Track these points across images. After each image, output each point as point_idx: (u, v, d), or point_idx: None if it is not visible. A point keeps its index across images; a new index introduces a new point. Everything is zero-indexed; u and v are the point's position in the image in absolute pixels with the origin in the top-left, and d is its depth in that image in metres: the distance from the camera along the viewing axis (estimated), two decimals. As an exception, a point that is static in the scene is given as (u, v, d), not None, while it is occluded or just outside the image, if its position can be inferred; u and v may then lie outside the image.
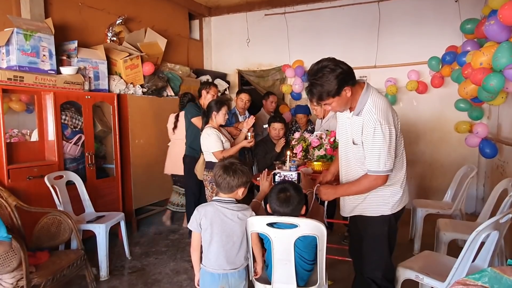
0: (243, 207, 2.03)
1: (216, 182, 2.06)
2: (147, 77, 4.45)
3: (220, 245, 1.97)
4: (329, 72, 1.83)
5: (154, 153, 4.57)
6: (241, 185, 2.02)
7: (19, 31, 3.09)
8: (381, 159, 1.87)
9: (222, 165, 2.05)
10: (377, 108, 1.88)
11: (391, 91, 4.99)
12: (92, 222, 3.32)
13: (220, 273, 1.96)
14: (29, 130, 3.42)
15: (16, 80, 3.05)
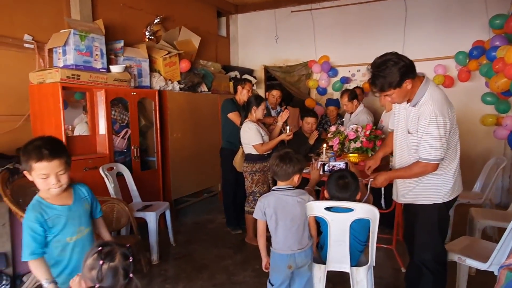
0: (301, 192, 2.21)
1: (274, 171, 2.23)
2: (184, 73, 4.67)
3: (286, 229, 2.15)
4: (392, 65, 1.98)
5: (190, 146, 4.79)
6: (297, 172, 2.19)
7: (75, 32, 3.32)
8: (432, 148, 2.03)
9: (278, 155, 2.22)
10: (434, 101, 2.04)
11: (418, 85, 5.11)
12: (141, 210, 3.55)
13: (288, 253, 2.15)
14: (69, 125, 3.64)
15: (73, 78, 3.28)
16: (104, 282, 1.31)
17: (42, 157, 1.58)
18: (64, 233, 1.72)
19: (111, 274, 1.32)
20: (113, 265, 1.33)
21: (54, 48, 3.42)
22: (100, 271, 1.31)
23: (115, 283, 1.32)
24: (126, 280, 1.34)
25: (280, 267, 2.17)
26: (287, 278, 2.19)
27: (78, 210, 1.79)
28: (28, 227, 1.63)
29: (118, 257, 1.36)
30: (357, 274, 2.20)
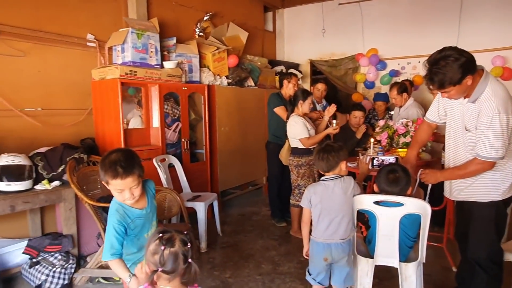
0: (349, 182, 2.23)
1: (319, 164, 2.28)
2: (231, 68, 4.78)
3: (330, 219, 2.19)
4: (453, 62, 1.89)
5: (237, 140, 4.91)
6: (341, 159, 2.21)
7: (133, 30, 3.52)
8: (493, 146, 1.95)
9: (318, 149, 2.28)
10: (496, 97, 1.94)
11: (474, 78, 4.86)
12: (191, 200, 3.72)
13: (326, 243, 2.18)
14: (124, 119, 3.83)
15: (131, 74, 3.49)
16: (166, 266, 1.40)
17: (117, 174, 1.68)
18: (143, 231, 1.87)
19: (172, 259, 1.40)
20: (174, 250, 1.42)
21: (113, 46, 3.66)
22: (162, 256, 1.40)
23: (176, 267, 1.41)
24: (185, 265, 1.42)
25: (316, 257, 2.23)
26: (324, 270, 2.24)
27: (152, 209, 1.93)
28: (113, 228, 1.75)
29: (177, 243, 1.44)
30: (406, 270, 2.19)
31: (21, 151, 2.90)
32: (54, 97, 3.46)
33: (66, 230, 3.05)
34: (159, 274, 1.41)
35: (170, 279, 1.42)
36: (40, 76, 3.35)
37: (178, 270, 1.41)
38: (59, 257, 2.89)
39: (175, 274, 1.41)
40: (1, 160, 2.72)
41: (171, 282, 1.43)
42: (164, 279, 1.42)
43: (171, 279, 1.42)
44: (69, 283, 2.84)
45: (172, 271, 1.40)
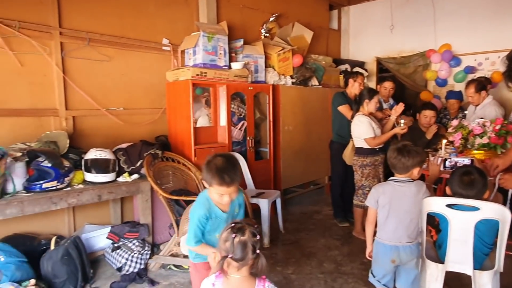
0: (420, 185, 2.17)
1: (392, 163, 2.22)
2: (296, 68, 4.83)
3: (398, 221, 2.15)
4: None
5: (300, 139, 4.95)
6: (416, 165, 2.14)
7: (204, 34, 3.73)
8: None
9: (395, 147, 2.20)
10: None
11: None
12: (255, 197, 3.84)
13: (394, 245, 2.14)
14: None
15: (201, 75, 3.70)
16: (235, 254, 1.50)
17: (224, 182, 1.79)
18: (215, 231, 1.97)
19: (241, 247, 1.50)
20: (243, 239, 1.51)
21: (186, 49, 3.91)
22: (232, 243, 1.50)
23: (244, 256, 1.50)
24: (254, 255, 1.51)
25: (382, 259, 2.18)
26: (390, 272, 2.19)
27: (231, 214, 2.02)
28: (197, 219, 1.89)
29: (247, 233, 1.54)
30: (480, 278, 2.08)
31: (106, 146, 3.23)
32: (134, 97, 3.79)
33: (142, 220, 3.33)
34: (229, 261, 1.51)
35: (239, 267, 1.51)
36: (123, 78, 3.69)
37: (246, 259, 1.50)
38: (136, 244, 3.16)
39: (244, 263, 1.50)
40: (91, 154, 3.05)
41: (240, 271, 1.52)
42: (234, 267, 1.52)
43: (240, 267, 1.51)
44: (144, 268, 3.09)
45: (240, 259, 1.49)
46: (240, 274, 1.53)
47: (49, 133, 3.13)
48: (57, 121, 3.26)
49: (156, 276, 3.05)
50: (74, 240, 2.87)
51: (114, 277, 3.00)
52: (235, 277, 1.54)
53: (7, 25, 2.91)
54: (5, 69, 2.98)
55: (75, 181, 2.98)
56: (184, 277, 3.04)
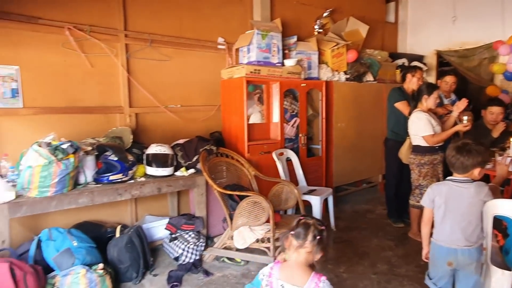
0: (480, 185, 2.05)
1: (450, 162, 2.12)
2: (350, 64, 4.73)
3: (454, 222, 2.06)
4: None
5: (353, 136, 4.85)
6: (476, 165, 2.03)
7: (258, 32, 3.78)
8: None
9: (455, 145, 2.10)
10: None
11: None
12: (306, 194, 3.84)
13: (451, 247, 2.05)
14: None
15: (255, 72, 3.76)
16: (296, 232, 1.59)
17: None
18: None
19: (303, 227, 1.60)
20: (307, 222, 1.63)
21: (240, 47, 3.99)
22: (297, 223, 1.63)
23: (305, 236, 1.58)
24: (314, 241, 1.58)
25: (438, 261, 2.10)
26: (447, 275, 2.10)
27: None
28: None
29: (313, 220, 1.65)
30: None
31: (164, 141, 3.40)
32: (190, 95, 3.95)
33: (198, 212, 3.47)
34: (290, 240, 1.60)
35: (297, 247, 1.58)
36: (181, 77, 3.86)
37: (306, 239, 1.57)
38: (192, 235, 3.30)
39: (302, 243, 1.57)
40: (151, 149, 3.24)
41: (297, 253, 1.58)
42: (293, 247, 1.59)
43: (298, 247, 1.58)
44: (199, 259, 3.22)
45: (301, 237, 1.57)
46: (297, 258, 1.59)
47: (115, 129, 3.37)
48: (122, 118, 3.49)
49: (210, 267, 3.17)
50: (137, 229, 3.07)
51: (171, 266, 3.16)
52: (292, 260, 1.60)
53: (80, 30, 3.17)
54: (78, 70, 3.25)
55: (137, 174, 3.18)
56: (237, 269, 3.13)
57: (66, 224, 3.06)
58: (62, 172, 2.61)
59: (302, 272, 1.58)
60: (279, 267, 1.63)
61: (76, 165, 2.74)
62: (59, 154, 2.60)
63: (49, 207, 2.66)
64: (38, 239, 2.67)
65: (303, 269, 1.58)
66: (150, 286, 2.87)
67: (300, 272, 1.58)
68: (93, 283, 2.48)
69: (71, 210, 2.93)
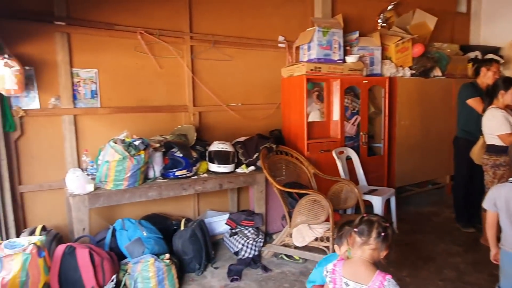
0: None
1: None
2: (416, 58, 4.50)
3: None
4: None
5: (417, 134, 4.62)
6: None
7: (319, 29, 3.74)
8: None
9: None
10: None
11: None
12: (367, 194, 3.73)
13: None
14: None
15: (315, 70, 3.73)
16: (360, 228, 1.58)
17: None
18: None
19: (367, 224, 1.58)
20: (371, 219, 1.61)
21: (301, 45, 3.98)
22: (360, 220, 1.61)
23: (369, 233, 1.56)
24: (378, 238, 1.55)
25: (507, 270, 1.97)
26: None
27: None
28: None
29: (377, 217, 1.62)
30: None
31: (226, 139, 3.51)
32: (251, 93, 4.03)
33: (257, 209, 3.54)
34: (353, 236, 1.59)
35: (361, 245, 1.56)
36: (242, 76, 3.96)
37: (370, 236, 1.55)
38: (251, 231, 3.38)
39: (366, 240, 1.55)
40: (214, 146, 3.36)
41: (361, 251, 1.57)
42: (357, 245, 1.58)
43: (362, 244, 1.56)
44: (258, 255, 3.29)
45: (365, 234, 1.55)
46: (361, 255, 1.57)
47: (180, 127, 3.55)
48: (187, 116, 3.67)
49: (268, 263, 3.22)
50: (199, 223, 3.21)
51: (231, 260, 3.27)
52: (356, 258, 1.59)
53: (150, 34, 3.38)
54: (148, 72, 3.47)
55: (200, 170, 3.32)
56: (295, 267, 3.16)
57: (137, 215, 3.29)
58: (134, 167, 2.82)
59: (366, 270, 1.55)
60: (343, 264, 1.62)
61: (146, 160, 2.93)
62: (132, 150, 2.81)
63: (122, 199, 2.88)
64: (113, 228, 2.91)
65: (368, 267, 1.56)
66: (212, 278, 3.00)
67: (364, 269, 1.56)
68: (161, 272, 2.64)
69: (141, 203, 3.14)
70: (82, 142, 3.21)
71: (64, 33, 3.06)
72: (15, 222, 2.91)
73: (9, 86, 2.67)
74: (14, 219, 2.91)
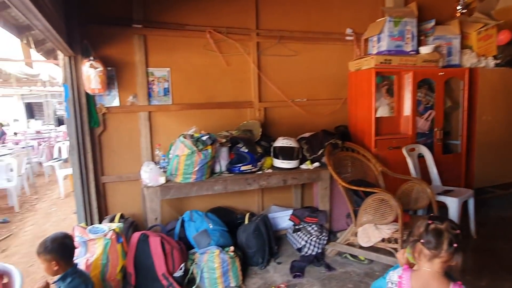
0: None
1: None
2: (501, 47, 4.08)
3: None
4: None
5: (501, 131, 4.20)
6: None
7: (390, 19, 3.55)
8: None
9: None
10: None
11: None
12: (441, 194, 3.48)
13: None
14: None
15: (385, 63, 3.56)
16: (427, 240, 1.44)
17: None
18: None
19: (435, 234, 1.43)
20: (439, 227, 1.44)
21: (370, 37, 3.81)
22: (426, 229, 1.46)
23: (438, 245, 1.42)
24: (450, 249, 1.41)
25: None
26: None
27: None
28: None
29: (446, 223, 1.45)
30: None
31: (290, 135, 3.50)
32: (316, 89, 3.97)
33: (321, 206, 3.50)
34: (420, 248, 1.46)
35: (430, 257, 1.44)
36: (307, 71, 3.91)
37: (440, 249, 1.42)
38: (315, 228, 3.35)
39: (436, 253, 1.42)
40: (278, 142, 3.38)
41: (431, 263, 1.44)
42: (424, 257, 1.45)
43: (431, 257, 1.43)
44: (321, 252, 3.26)
45: (433, 247, 1.42)
46: (430, 268, 1.46)
47: (246, 122, 3.61)
48: (252, 112, 3.72)
49: (332, 262, 3.17)
50: (263, 218, 3.26)
51: (294, 256, 3.27)
52: (425, 270, 1.47)
53: (218, 32, 3.48)
54: (216, 69, 3.57)
55: (265, 166, 3.36)
56: (360, 267, 3.07)
57: (204, 208, 3.44)
58: (201, 161, 2.94)
59: (438, 284, 1.44)
60: (410, 275, 1.52)
61: (213, 155, 3.04)
62: (200, 145, 2.93)
63: (191, 192, 3.03)
64: (182, 219, 3.08)
65: (439, 280, 1.44)
66: (274, 273, 3.03)
67: (436, 283, 1.45)
68: (225, 263, 2.74)
69: (207, 196, 3.27)
70: (155, 137, 3.43)
71: (141, 35, 3.27)
72: (98, 209, 3.22)
73: (94, 85, 2.94)
74: (97, 206, 3.22)
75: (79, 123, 3.07)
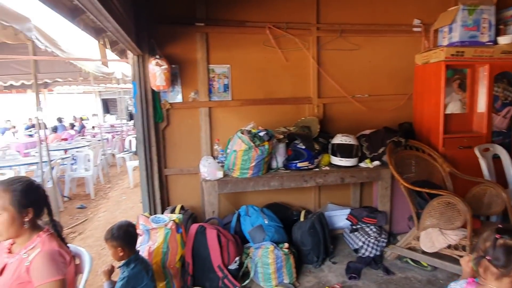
0: None
1: None
2: None
3: None
4: None
5: None
6: None
7: (464, 7, 3.28)
8: None
9: None
10: None
11: None
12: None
13: None
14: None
15: (457, 55, 3.29)
16: (495, 258, 1.29)
17: None
18: None
19: (504, 251, 1.28)
20: (509, 244, 1.28)
21: (440, 28, 3.54)
22: (494, 245, 1.30)
23: (508, 264, 1.27)
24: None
25: None
26: None
27: None
28: None
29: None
30: None
31: (349, 132, 3.40)
32: (378, 84, 3.80)
33: (381, 207, 3.35)
34: (487, 265, 1.32)
35: (498, 276, 1.30)
36: (369, 65, 3.76)
37: (510, 267, 1.27)
38: (373, 229, 3.22)
39: (505, 272, 1.28)
40: (337, 139, 3.29)
41: (498, 282, 1.31)
42: (492, 275, 1.32)
43: (500, 276, 1.30)
44: (380, 255, 3.13)
45: (502, 265, 1.28)
46: (498, 287, 1.31)
47: (304, 118, 3.57)
48: (310, 108, 3.67)
49: (391, 266, 3.04)
50: (319, 216, 3.21)
51: (350, 257, 3.19)
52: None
53: (278, 28, 3.47)
54: (275, 65, 3.57)
55: (322, 163, 3.30)
56: (421, 274, 2.90)
57: (260, 203, 3.48)
58: (258, 157, 2.97)
59: None
60: None
61: (270, 151, 3.05)
62: (257, 141, 2.96)
63: (247, 187, 3.08)
64: (238, 213, 3.14)
65: None
66: (329, 273, 2.98)
67: None
68: (279, 259, 2.75)
69: (264, 191, 3.30)
70: (214, 132, 3.53)
71: (203, 33, 3.38)
72: (161, 200, 3.40)
73: (159, 82, 3.11)
74: (160, 197, 3.40)
75: (145, 118, 3.26)
